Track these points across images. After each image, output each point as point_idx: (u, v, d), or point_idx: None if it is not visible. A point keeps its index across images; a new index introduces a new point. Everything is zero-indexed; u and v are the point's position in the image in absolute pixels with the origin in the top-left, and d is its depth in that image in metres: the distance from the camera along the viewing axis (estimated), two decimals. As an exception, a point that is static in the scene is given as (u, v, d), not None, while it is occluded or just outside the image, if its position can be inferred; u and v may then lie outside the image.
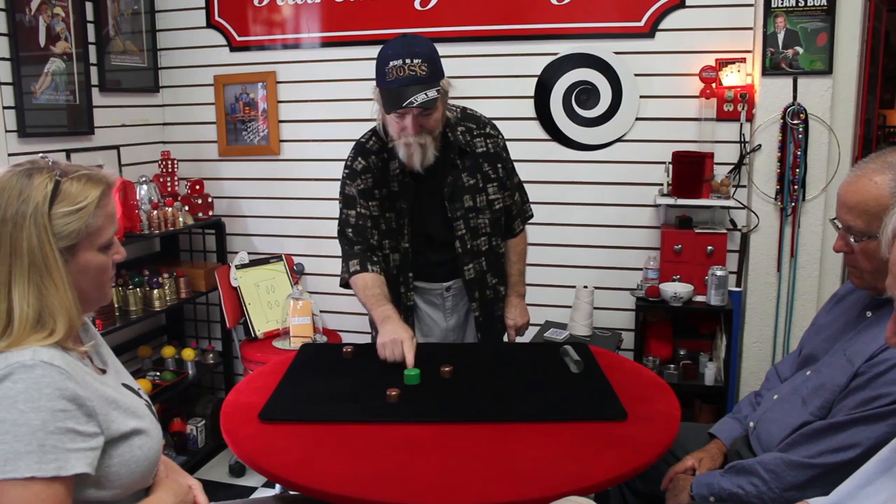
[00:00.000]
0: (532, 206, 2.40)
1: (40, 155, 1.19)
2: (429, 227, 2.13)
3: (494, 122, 2.22)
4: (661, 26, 2.93)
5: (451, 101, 2.10)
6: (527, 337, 2.93)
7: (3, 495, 0.99)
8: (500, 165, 2.16)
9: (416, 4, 3.13)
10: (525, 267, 2.39)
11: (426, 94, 1.85)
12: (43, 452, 1.02)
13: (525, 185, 2.36)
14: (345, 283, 2.15)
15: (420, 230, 2.13)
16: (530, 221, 2.39)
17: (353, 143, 2.19)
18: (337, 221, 2.18)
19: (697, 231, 2.86)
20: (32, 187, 1.10)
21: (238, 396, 1.78)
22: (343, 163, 2.17)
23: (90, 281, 1.19)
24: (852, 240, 1.44)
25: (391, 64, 1.86)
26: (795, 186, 2.82)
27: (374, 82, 1.96)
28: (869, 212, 1.39)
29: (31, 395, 1.03)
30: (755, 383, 2.83)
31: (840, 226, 1.49)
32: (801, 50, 2.77)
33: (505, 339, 2.34)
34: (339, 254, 2.26)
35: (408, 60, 1.85)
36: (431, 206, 2.10)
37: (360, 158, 2.10)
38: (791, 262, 2.90)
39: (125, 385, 1.29)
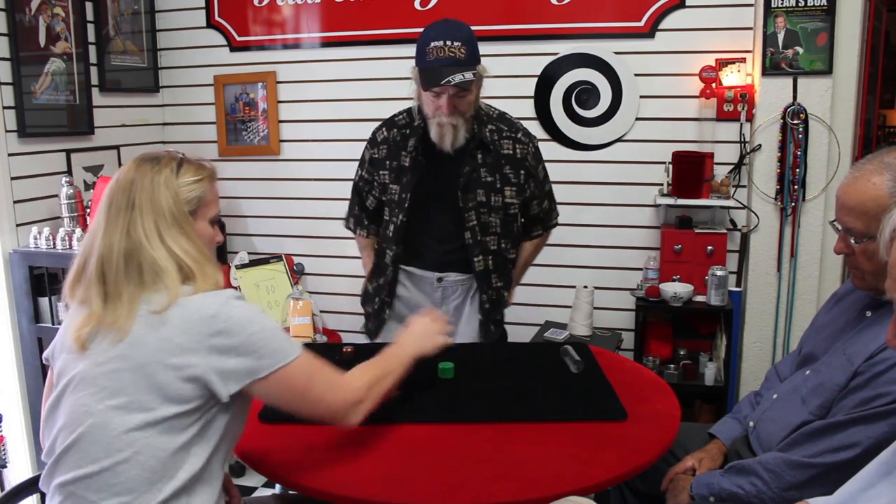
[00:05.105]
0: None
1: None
2: (434, 212, 2.14)
3: (525, 128, 2.22)
4: (661, 26, 2.94)
5: (486, 101, 2.17)
6: (527, 337, 2.94)
7: (292, 374, 1.29)
8: (522, 172, 2.15)
9: (416, 4, 3.13)
10: (525, 269, 2.37)
11: (463, 75, 1.92)
12: (289, 340, 1.32)
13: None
14: (346, 226, 2.39)
15: (424, 213, 2.14)
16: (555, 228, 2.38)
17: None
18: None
19: (697, 231, 2.86)
20: (161, 164, 1.32)
21: (238, 396, 1.78)
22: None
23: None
24: (852, 241, 1.44)
25: (432, 45, 1.95)
26: (795, 186, 2.82)
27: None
28: (868, 213, 1.39)
29: (255, 311, 1.29)
30: (755, 383, 2.83)
31: (840, 228, 1.48)
32: (801, 50, 2.77)
33: None
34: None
35: (448, 42, 1.94)
36: (441, 193, 2.11)
37: (384, 129, 2.20)
38: (791, 262, 2.90)
39: None
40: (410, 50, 2.04)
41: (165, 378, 1.20)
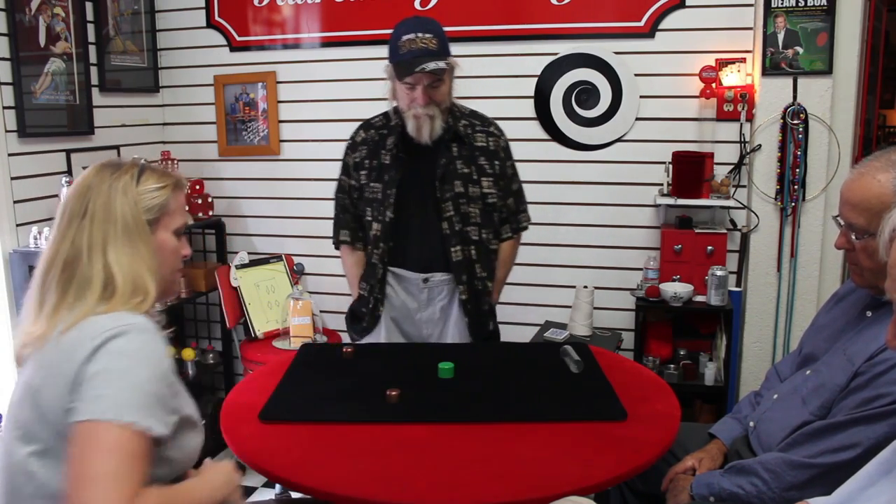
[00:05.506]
0: (532, 205, 2.37)
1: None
2: (415, 208, 2.15)
3: (496, 122, 2.26)
4: (661, 26, 2.93)
5: (457, 101, 2.18)
6: (527, 337, 2.94)
7: (100, 433, 1.05)
8: (497, 162, 2.19)
9: (416, 4, 3.13)
10: (505, 277, 2.34)
11: (436, 63, 1.96)
12: (142, 406, 1.09)
13: (525, 186, 2.33)
14: (336, 245, 2.32)
15: (406, 210, 2.15)
16: (525, 231, 2.35)
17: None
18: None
19: (697, 231, 2.86)
20: (121, 171, 1.27)
21: (238, 396, 1.78)
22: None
23: (166, 262, 1.30)
24: (854, 237, 1.44)
25: (404, 38, 1.99)
26: (795, 186, 2.82)
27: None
28: (871, 209, 1.39)
29: (143, 354, 1.13)
30: (755, 383, 2.83)
31: (842, 223, 1.49)
32: (801, 50, 2.77)
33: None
34: (340, 254, 2.31)
35: (419, 34, 1.98)
36: (421, 188, 2.13)
37: (361, 131, 2.24)
38: (791, 262, 2.90)
39: None
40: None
41: (51, 406, 1.10)
